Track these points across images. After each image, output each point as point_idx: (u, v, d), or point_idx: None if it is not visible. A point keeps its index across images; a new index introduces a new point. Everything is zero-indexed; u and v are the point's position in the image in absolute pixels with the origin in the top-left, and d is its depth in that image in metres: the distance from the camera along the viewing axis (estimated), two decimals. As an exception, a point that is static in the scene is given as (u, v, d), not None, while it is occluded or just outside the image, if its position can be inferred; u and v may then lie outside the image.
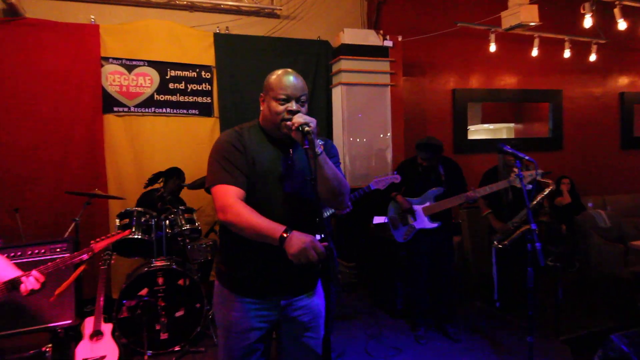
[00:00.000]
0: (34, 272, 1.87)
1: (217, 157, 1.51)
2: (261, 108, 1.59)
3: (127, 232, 2.57)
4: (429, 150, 3.18)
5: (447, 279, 3.33)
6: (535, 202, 3.22)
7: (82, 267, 2.37)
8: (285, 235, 1.33)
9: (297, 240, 1.30)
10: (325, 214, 2.88)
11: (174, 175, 3.79)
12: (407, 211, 3.26)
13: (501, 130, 7.73)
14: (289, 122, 1.45)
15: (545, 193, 3.20)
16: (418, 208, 3.25)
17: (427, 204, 3.23)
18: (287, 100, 1.49)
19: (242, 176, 1.49)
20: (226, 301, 1.60)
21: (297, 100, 1.50)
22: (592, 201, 5.12)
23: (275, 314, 1.60)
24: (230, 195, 1.44)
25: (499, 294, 3.74)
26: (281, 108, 1.49)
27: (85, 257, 2.14)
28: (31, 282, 1.84)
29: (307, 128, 1.39)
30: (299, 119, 1.42)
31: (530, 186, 2.59)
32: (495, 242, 3.35)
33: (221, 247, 1.67)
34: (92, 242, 2.22)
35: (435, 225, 3.20)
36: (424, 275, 3.31)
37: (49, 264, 1.98)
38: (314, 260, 1.28)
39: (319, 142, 1.60)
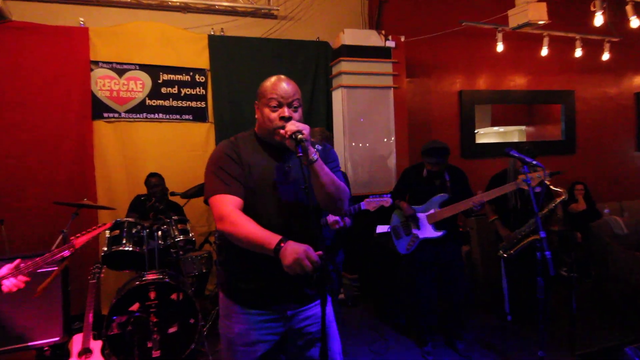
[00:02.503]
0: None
1: (212, 168, 1.57)
2: (256, 116, 1.64)
3: (108, 224, 2.60)
4: (437, 154, 3.19)
5: (457, 292, 3.31)
6: (545, 211, 3.22)
7: (64, 263, 2.38)
8: (280, 245, 1.36)
9: (291, 251, 1.34)
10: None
11: (148, 183, 3.84)
12: (410, 218, 3.26)
13: (512, 134, 7.73)
14: (282, 131, 1.49)
15: (556, 203, 3.21)
16: (422, 216, 3.25)
17: (432, 211, 3.23)
18: (279, 106, 1.55)
19: (239, 185, 1.54)
20: (230, 313, 1.63)
21: (290, 106, 1.55)
22: (609, 207, 5.12)
23: (282, 325, 1.62)
24: (227, 205, 1.49)
25: (510, 307, 3.73)
26: (274, 115, 1.55)
27: (66, 253, 2.16)
28: (11, 281, 1.88)
29: (300, 136, 1.44)
30: (292, 126, 1.47)
31: (538, 188, 2.58)
32: (501, 251, 3.35)
33: (223, 256, 1.70)
34: (72, 238, 2.24)
35: (439, 234, 3.20)
36: (430, 287, 3.30)
37: (29, 262, 2.00)
38: (309, 270, 1.31)
39: (317, 147, 1.63)
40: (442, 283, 3.31)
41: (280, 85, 1.56)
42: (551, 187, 3.22)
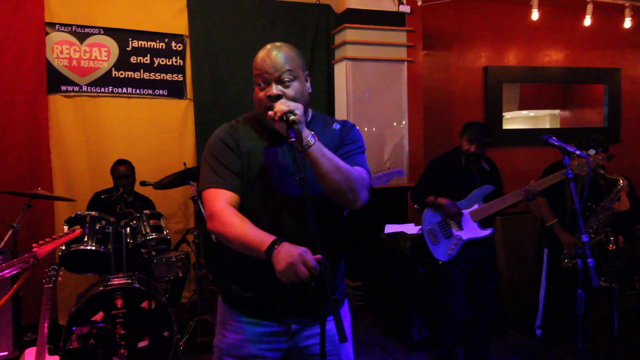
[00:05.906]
0: None
1: (207, 156, 1.60)
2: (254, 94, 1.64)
3: (77, 232, 2.60)
4: (478, 127, 3.22)
5: (490, 304, 3.32)
6: (606, 205, 3.25)
7: (25, 276, 2.39)
8: (274, 248, 1.35)
9: (285, 254, 1.32)
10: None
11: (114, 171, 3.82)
12: (454, 217, 3.23)
13: (544, 118, 7.75)
14: (270, 112, 1.48)
15: (616, 191, 3.25)
16: (465, 212, 3.25)
17: (475, 206, 3.23)
18: (266, 83, 1.53)
19: (234, 178, 1.55)
20: (226, 320, 1.65)
21: (278, 81, 1.52)
22: (657, 207, 5.14)
23: (285, 341, 1.62)
24: (218, 201, 1.51)
25: (542, 321, 3.78)
26: (261, 94, 1.54)
27: (26, 265, 2.17)
28: None
29: (292, 117, 1.42)
30: (281, 106, 1.44)
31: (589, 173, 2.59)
32: (565, 260, 3.37)
33: (221, 256, 1.70)
34: (34, 245, 2.24)
35: (487, 232, 3.22)
36: (461, 297, 3.28)
37: None
38: (305, 278, 1.30)
39: (335, 126, 1.65)
40: (472, 293, 3.31)
41: (266, 57, 1.53)
42: (606, 175, 3.27)
